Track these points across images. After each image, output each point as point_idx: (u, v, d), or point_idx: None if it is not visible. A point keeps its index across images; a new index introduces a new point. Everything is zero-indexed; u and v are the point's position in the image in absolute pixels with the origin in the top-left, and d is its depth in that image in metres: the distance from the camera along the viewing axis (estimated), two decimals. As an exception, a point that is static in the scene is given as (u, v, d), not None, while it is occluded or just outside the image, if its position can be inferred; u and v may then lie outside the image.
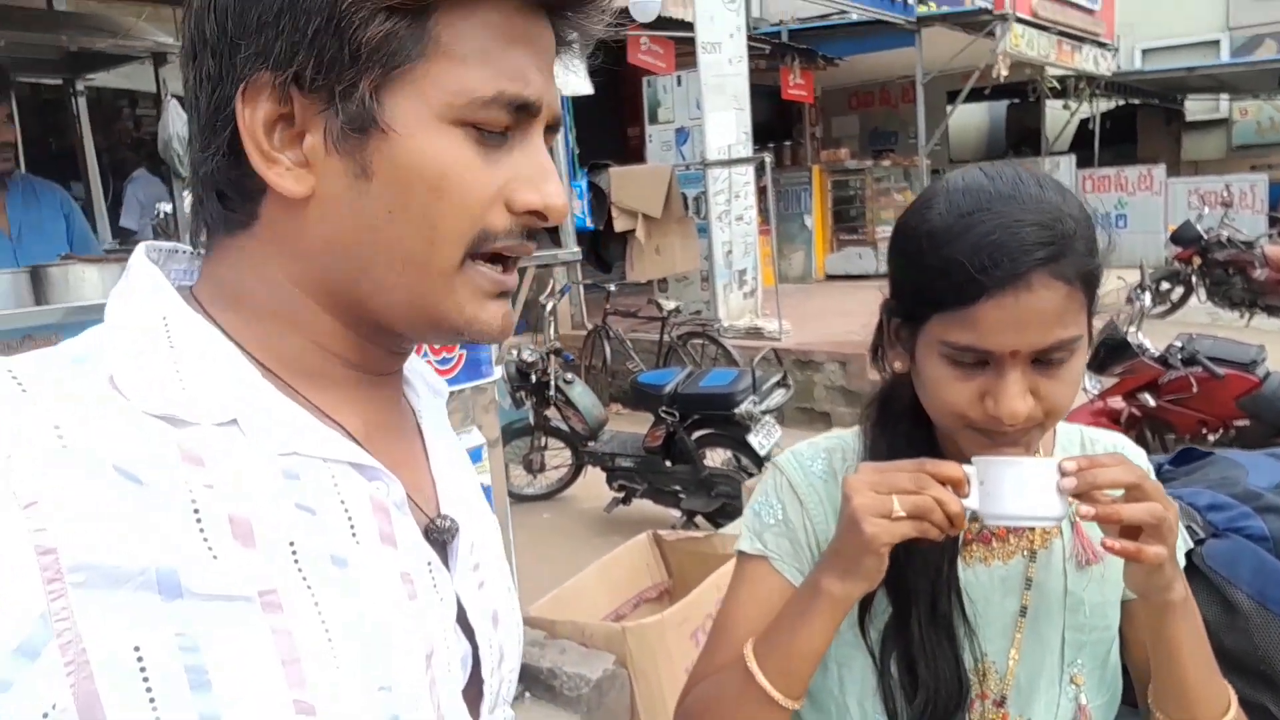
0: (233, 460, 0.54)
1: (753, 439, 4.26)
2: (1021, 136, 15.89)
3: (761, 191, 8.43)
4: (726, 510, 4.35)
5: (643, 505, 4.77)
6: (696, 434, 4.50)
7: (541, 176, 0.60)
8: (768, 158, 7.48)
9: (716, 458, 4.64)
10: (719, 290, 7.94)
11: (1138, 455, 1.05)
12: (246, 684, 0.51)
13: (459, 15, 0.56)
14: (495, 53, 0.57)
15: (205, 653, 0.50)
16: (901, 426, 0.99)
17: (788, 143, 12.31)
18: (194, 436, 0.54)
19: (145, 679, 0.49)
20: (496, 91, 0.57)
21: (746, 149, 8.07)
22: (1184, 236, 8.88)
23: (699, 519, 4.56)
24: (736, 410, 4.23)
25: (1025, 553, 0.98)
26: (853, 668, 0.98)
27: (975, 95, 12.31)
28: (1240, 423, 4.14)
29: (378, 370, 0.65)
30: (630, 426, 5.15)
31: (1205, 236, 8.64)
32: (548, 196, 0.60)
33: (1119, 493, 0.84)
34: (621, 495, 4.75)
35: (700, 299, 8.16)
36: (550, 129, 0.63)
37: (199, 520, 0.52)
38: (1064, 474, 0.82)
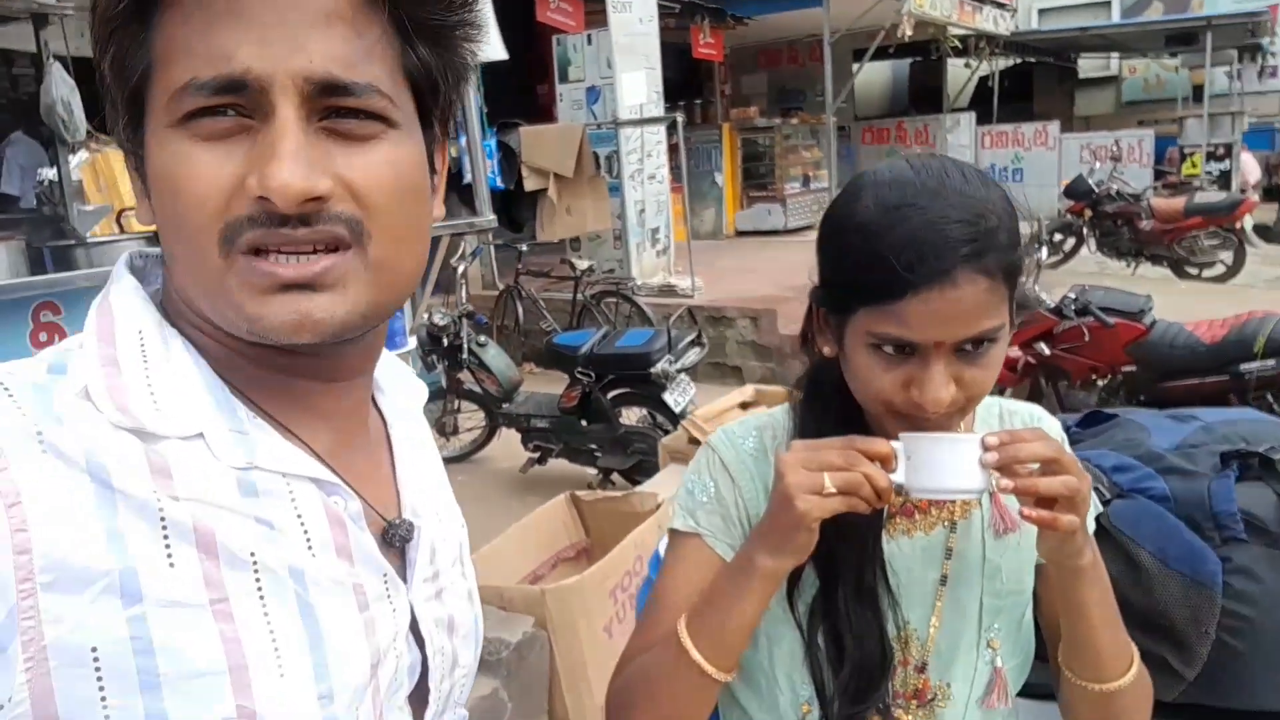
0: (198, 473, 0.56)
1: (668, 397, 4.29)
2: (923, 94, 16.19)
3: (673, 149, 8.42)
4: (643, 467, 4.39)
5: (559, 465, 4.77)
6: (612, 393, 4.50)
7: (265, 158, 0.54)
8: (679, 118, 7.44)
9: (632, 416, 4.66)
10: (632, 249, 7.93)
11: (1053, 426, 1.10)
12: (193, 687, 0.54)
13: (166, 17, 0.55)
14: (194, 40, 0.54)
15: (158, 655, 0.53)
16: (831, 406, 1.01)
17: (698, 101, 12.30)
18: (162, 449, 0.56)
19: (99, 678, 0.51)
20: (188, 79, 0.54)
21: (658, 108, 8.03)
22: (1076, 190, 9.23)
23: (615, 476, 4.59)
24: (652, 370, 4.25)
25: (946, 524, 1.02)
26: (781, 642, 1.01)
27: (880, 54, 12.46)
28: (1128, 368, 4.35)
29: (331, 377, 0.64)
30: (545, 386, 5.14)
31: (1096, 190, 9.00)
32: (264, 179, 0.53)
33: (1035, 465, 0.87)
34: (537, 455, 4.74)
35: (613, 257, 8.14)
36: (326, 91, 0.55)
37: (164, 528, 0.54)
38: (986, 449, 0.85)
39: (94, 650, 0.51)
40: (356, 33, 0.56)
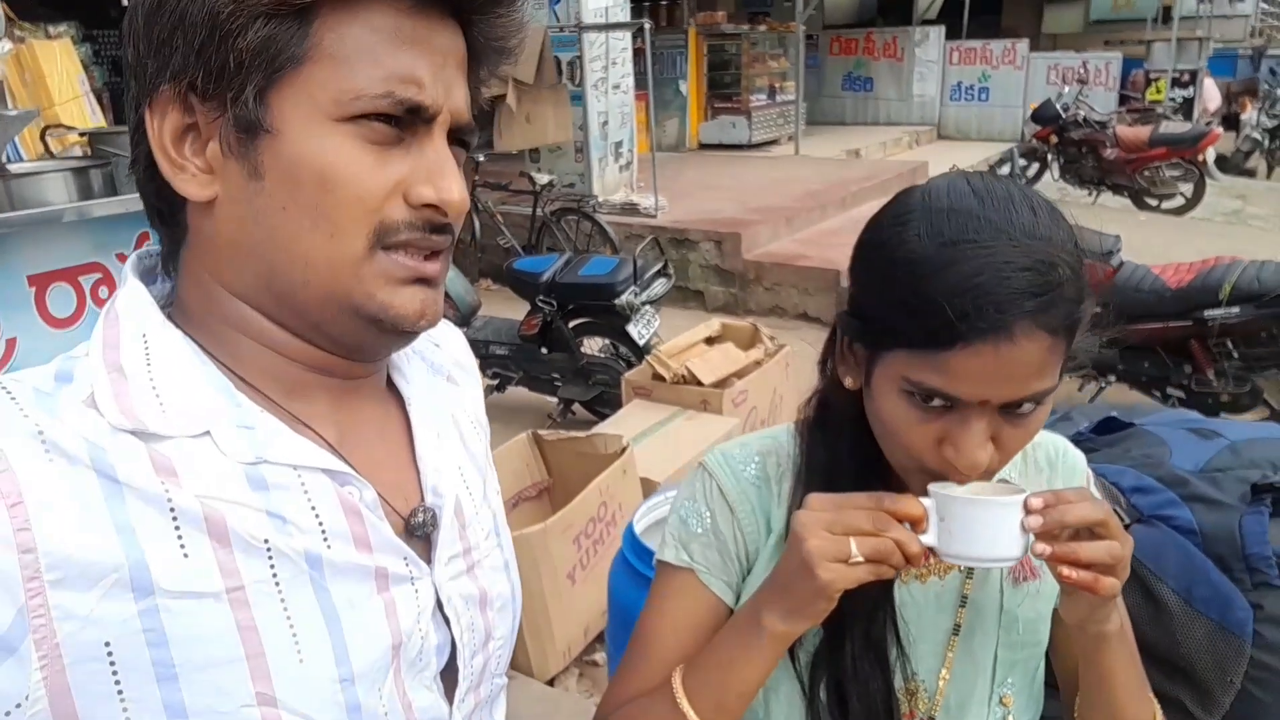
0: (205, 470, 0.57)
1: (632, 329, 4.18)
2: (892, 2, 15.78)
3: (637, 54, 8.09)
4: (604, 398, 4.31)
5: (518, 393, 4.67)
6: (574, 323, 4.38)
7: (438, 173, 0.61)
8: (647, 23, 7.10)
9: (594, 345, 4.56)
10: (594, 163, 7.67)
11: (1078, 460, 1.01)
12: (211, 677, 0.55)
13: (343, 18, 0.57)
14: (382, 54, 0.58)
15: (172, 646, 0.53)
16: (844, 437, 0.91)
17: (663, 2, 11.80)
18: (165, 449, 0.56)
19: (114, 672, 0.52)
20: (385, 91, 0.58)
21: (624, 12, 7.66)
22: (1043, 115, 9.12)
23: (576, 407, 4.51)
24: (617, 301, 4.13)
25: (963, 569, 0.94)
26: (779, 694, 0.93)
27: (852, -41, 12.07)
28: (1094, 309, 4.34)
29: (348, 375, 0.67)
30: (502, 305, 4.99)
31: (1063, 116, 8.90)
32: (442, 191, 0.61)
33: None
34: (496, 383, 4.63)
35: (574, 171, 7.87)
36: (459, 140, 0.64)
37: (174, 518, 0.55)
38: (1029, 511, 0.76)
39: (108, 645, 0.52)
40: (464, 76, 0.64)
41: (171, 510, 0.55)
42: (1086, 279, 0.79)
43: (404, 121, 0.59)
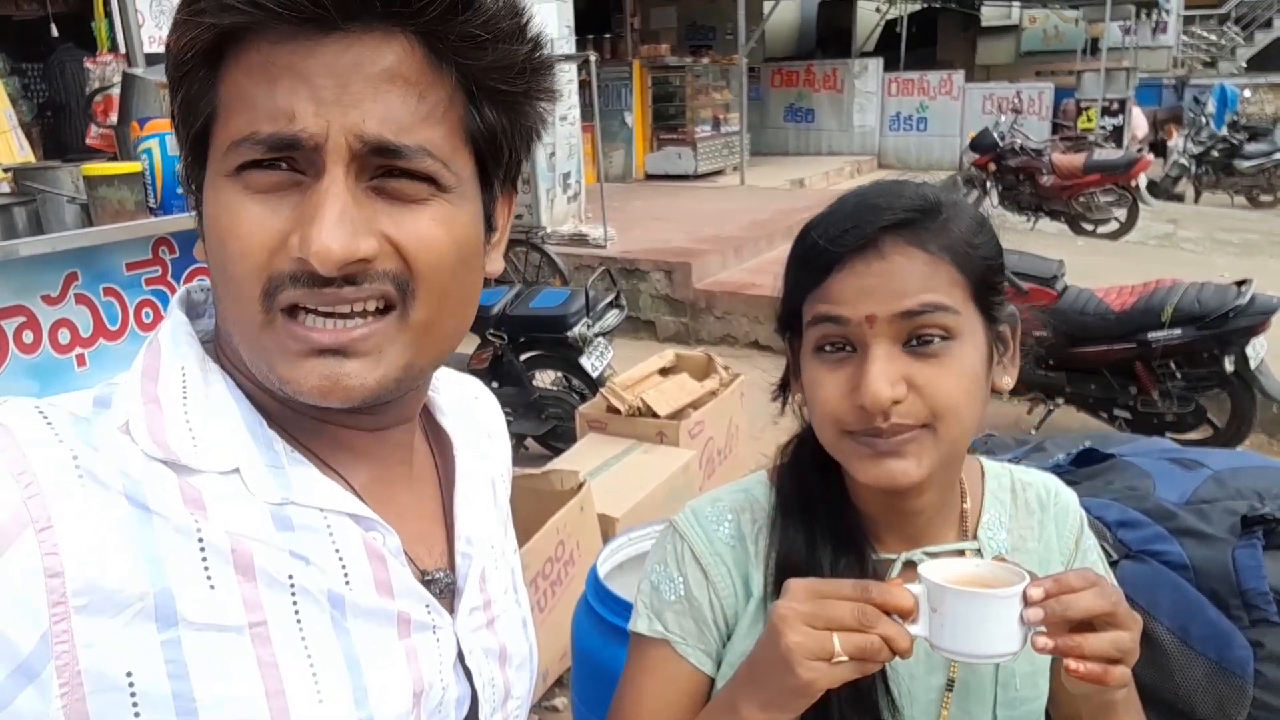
0: (233, 507, 0.56)
1: (585, 361, 4.12)
2: (831, 36, 16.11)
3: (583, 85, 8.09)
4: (558, 433, 4.23)
5: (470, 429, 4.57)
6: (525, 355, 4.31)
7: (308, 220, 0.54)
8: (593, 55, 7.11)
9: (546, 378, 4.49)
10: (542, 195, 7.63)
11: (1070, 501, 0.97)
12: (230, 712, 0.53)
13: (233, 67, 0.55)
14: (257, 93, 0.54)
15: (194, 679, 0.52)
16: (814, 480, 0.89)
17: (607, 35, 11.89)
18: (196, 482, 0.56)
19: (134, 703, 0.51)
20: (249, 132, 0.54)
21: (569, 44, 7.68)
22: (982, 144, 9.32)
23: (530, 442, 4.42)
24: (569, 333, 4.07)
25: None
26: None
27: (791, -8, 12.29)
28: (1039, 333, 4.39)
29: (370, 427, 0.64)
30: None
31: (1000, 144, 9.10)
32: (305, 243, 0.53)
33: None
34: (447, 419, 4.53)
35: (521, 202, 7.82)
36: (402, 170, 0.56)
37: (203, 550, 0.54)
38: (1028, 603, 0.71)
39: (129, 675, 0.51)
40: (418, 95, 0.55)
41: (200, 542, 0.54)
42: (988, 239, 0.83)
43: (297, 162, 0.54)
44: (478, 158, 0.60)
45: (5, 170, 3.45)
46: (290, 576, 0.57)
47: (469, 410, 0.79)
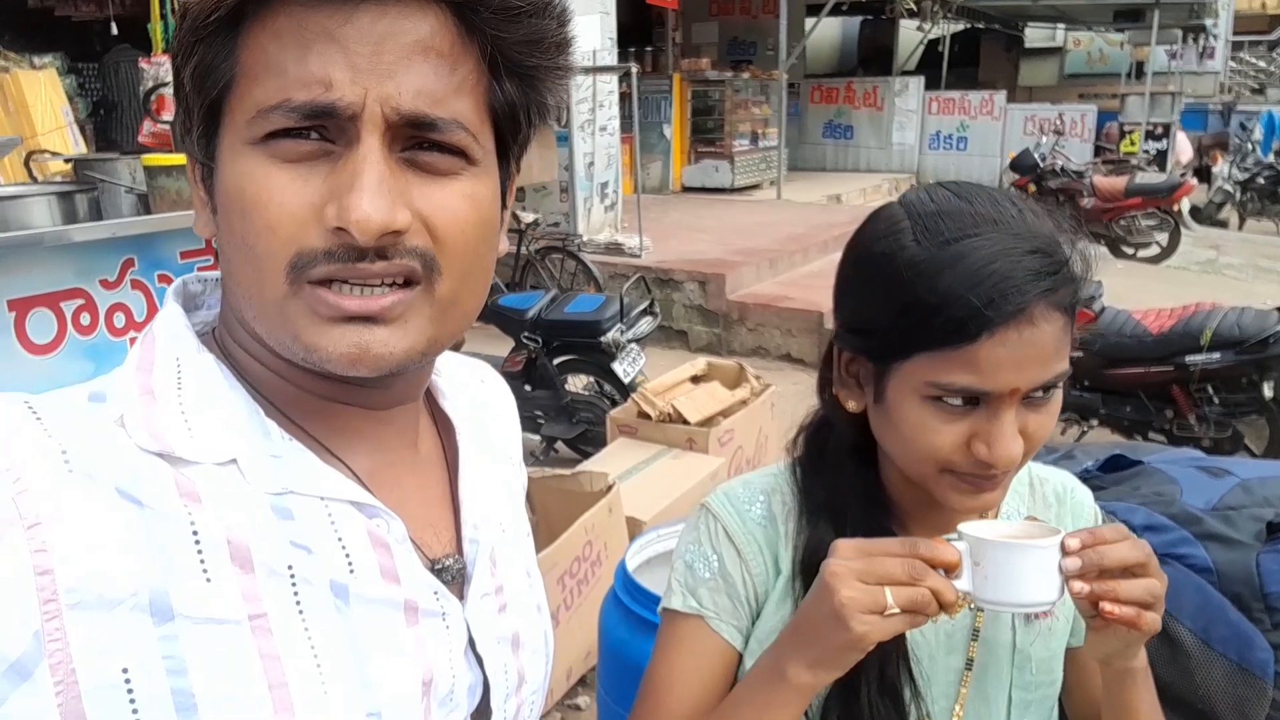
0: (230, 498, 0.55)
1: (618, 367, 4.16)
2: (872, 54, 16.10)
3: (623, 98, 8.18)
4: (588, 436, 4.27)
5: (502, 430, 4.62)
6: (559, 360, 4.36)
7: (345, 188, 0.52)
8: (634, 67, 7.18)
9: (578, 383, 4.53)
10: (579, 203, 7.70)
11: (1086, 496, 1.00)
12: (232, 707, 0.52)
13: (256, 30, 0.53)
14: (287, 60, 0.52)
15: (192, 675, 0.51)
16: (844, 472, 0.90)
17: (649, 49, 11.98)
18: (191, 474, 0.55)
19: (132, 700, 0.50)
20: (281, 99, 0.52)
21: (611, 56, 7.75)
22: (1022, 165, 9.28)
23: (560, 445, 4.47)
24: (602, 339, 4.11)
25: (973, 605, 0.91)
26: None
27: (832, 10, 12.30)
28: (1075, 353, 4.36)
29: (371, 405, 0.63)
30: (485, 343, 4.95)
31: (1041, 165, 9.05)
32: (344, 211, 0.52)
33: None
34: (479, 420, 4.58)
35: (559, 210, 7.90)
36: (434, 143, 0.55)
37: (198, 543, 0.53)
38: (1066, 552, 0.74)
39: (125, 671, 0.50)
40: (450, 67, 0.54)
41: (195, 534, 0.53)
42: (1089, 254, 0.81)
43: (329, 131, 0.53)
44: (498, 133, 0.60)
45: (66, 161, 3.57)
46: (290, 567, 0.56)
47: (474, 392, 0.77)
